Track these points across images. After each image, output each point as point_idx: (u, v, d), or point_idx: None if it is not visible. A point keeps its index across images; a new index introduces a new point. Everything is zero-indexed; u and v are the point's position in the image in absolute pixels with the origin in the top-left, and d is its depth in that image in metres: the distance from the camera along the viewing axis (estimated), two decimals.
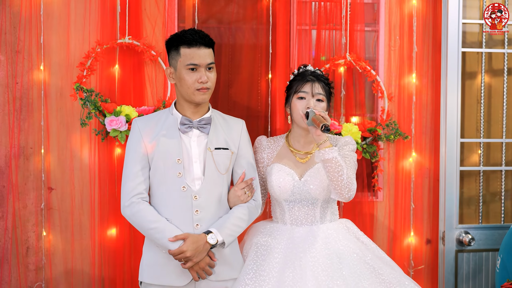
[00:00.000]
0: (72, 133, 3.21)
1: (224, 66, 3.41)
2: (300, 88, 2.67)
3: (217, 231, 2.49)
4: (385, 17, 3.42)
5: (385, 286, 2.52)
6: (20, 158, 3.18)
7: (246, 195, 2.59)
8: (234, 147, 2.62)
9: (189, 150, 2.53)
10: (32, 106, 3.19)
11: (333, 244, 2.61)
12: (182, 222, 2.50)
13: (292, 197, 2.67)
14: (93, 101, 3.12)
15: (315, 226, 2.68)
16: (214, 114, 2.65)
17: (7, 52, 3.16)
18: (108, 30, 3.19)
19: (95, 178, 3.20)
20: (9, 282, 3.18)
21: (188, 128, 2.54)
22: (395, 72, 3.43)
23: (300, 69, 2.76)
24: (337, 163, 2.47)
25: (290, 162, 2.72)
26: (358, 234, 2.75)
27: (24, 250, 3.20)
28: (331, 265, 2.51)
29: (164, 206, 2.53)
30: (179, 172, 2.50)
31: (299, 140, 2.75)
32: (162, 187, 2.53)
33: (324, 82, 2.69)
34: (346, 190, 2.52)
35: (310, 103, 2.63)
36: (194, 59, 2.48)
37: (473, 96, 3.51)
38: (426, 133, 3.47)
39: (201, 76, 2.49)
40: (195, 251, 2.43)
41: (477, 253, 3.39)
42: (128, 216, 2.51)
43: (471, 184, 3.53)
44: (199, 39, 2.50)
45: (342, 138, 2.73)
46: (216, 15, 3.48)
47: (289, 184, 2.65)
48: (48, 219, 3.21)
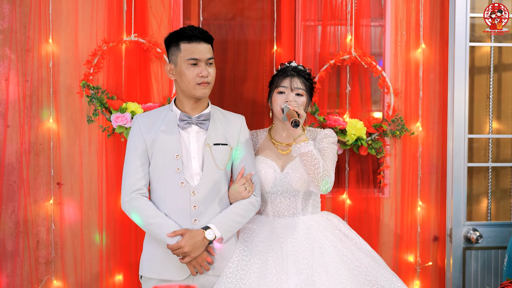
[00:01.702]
0: (80, 130, 3.28)
1: (230, 62, 3.43)
2: (280, 83, 2.72)
3: (215, 227, 2.52)
4: (391, 12, 3.38)
5: (364, 278, 2.54)
6: (30, 154, 3.27)
7: (247, 191, 2.61)
8: (233, 143, 2.64)
9: (188, 146, 2.57)
10: (42, 103, 3.27)
11: (314, 235, 2.65)
12: (180, 217, 2.54)
13: (273, 189, 2.71)
14: (99, 98, 3.18)
15: (296, 218, 2.72)
16: (214, 110, 2.68)
17: (18, 51, 3.24)
18: (115, 28, 3.24)
19: (102, 174, 3.26)
20: (20, 275, 3.27)
21: (187, 124, 2.58)
22: (401, 67, 3.40)
23: (283, 64, 2.81)
24: (312, 156, 2.51)
25: (272, 154, 2.76)
26: (340, 226, 2.78)
27: (35, 244, 3.29)
28: (312, 254, 2.55)
29: (163, 201, 2.57)
30: (177, 167, 2.54)
31: (281, 134, 2.79)
32: (161, 183, 2.57)
33: (305, 77, 2.73)
34: (322, 182, 2.56)
35: (289, 97, 2.67)
36: (195, 54, 2.52)
37: (482, 91, 3.46)
38: (434, 129, 3.43)
39: (202, 71, 2.52)
40: (192, 246, 2.47)
41: (485, 251, 3.34)
42: (127, 211, 2.57)
43: (481, 180, 3.47)
44: (199, 34, 2.54)
45: (322, 131, 2.76)
46: (221, 12, 3.50)
47: (271, 176, 2.70)
48: (58, 213, 3.29)
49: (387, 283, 2.54)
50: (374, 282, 2.53)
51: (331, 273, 2.49)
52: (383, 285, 2.53)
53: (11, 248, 3.25)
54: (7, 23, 3.23)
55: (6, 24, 3.23)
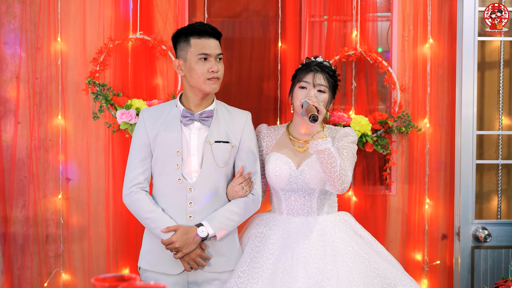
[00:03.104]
0: (87, 126, 3.34)
1: (235, 59, 3.44)
2: (302, 78, 2.64)
3: (208, 224, 2.53)
4: (398, 6, 3.34)
5: (380, 280, 2.48)
6: (40, 150, 3.34)
7: (244, 190, 2.59)
8: (235, 140, 2.63)
9: (189, 142, 2.58)
10: (51, 100, 3.34)
11: (328, 236, 2.58)
12: (176, 213, 2.56)
13: (288, 186, 2.64)
14: (104, 95, 3.23)
15: (311, 217, 2.66)
16: (219, 106, 2.67)
17: (28, 49, 3.32)
18: (121, 26, 3.29)
19: (109, 170, 3.32)
20: (30, 268, 3.35)
21: (189, 121, 2.58)
22: (409, 63, 3.34)
23: (308, 59, 2.73)
24: (330, 154, 2.44)
25: (289, 151, 2.69)
26: (356, 228, 2.71)
27: (44, 238, 3.36)
28: (324, 258, 2.50)
29: (161, 196, 2.60)
30: (177, 164, 2.56)
31: (299, 129, 2.72)
32: (161, 178, 2.60)
33: (329, 73, 2.64)
34: (339, 182, 2.48)
35: (310, 93, 2.60)
36: (205, 49, 2.53)
37: (493, 87, 3.37)
38: (442, 125, 3.36)
39: (212, 66, 2.53)
40: (184, 242, 2.49)
41: (495, 250, 3.27)
42: (127, 204, 2.62)
43: (492, 178, 3.39)
44: (209, 29, 2.56)
45: (342, 129, 2.69)
46: (226, 9, 3.51)
47: (286, 173, 2.63)
48: (66, 208, 3.36)
49: (406, 287, 2.49)
50: (393, 285, 2.48)
51: (342, 279, 2.43)
52: None
53: (21, 242, 3.34)
54: (18, 22, 3.32)
55: (17, 23, 3.32)
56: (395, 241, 3.38)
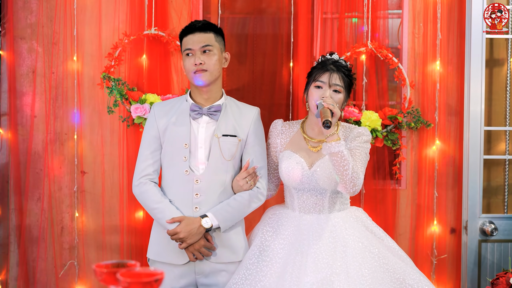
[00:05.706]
0: (102, 120, 3.40)
1: (248, 56, 3.50)
2: (318, 77, 2.63)
3: (213, 215, 2.58)
4: (409, 4, 3.40)
5: (389, 275, 2.51)
6: (55, 143, 3.40)
7: (248, 185, 2.63)
8: (243, 135, 2.67)
9: (197, 135, 2.64)
10: (67, 94, 3.39)
11: (339, 232, 2.61)
12: (182, 204, 2.62)
13: (301, 186, 2.67)
14: (119, 89, 3.29)
15: (323, 215, 2.67)
16: (228, 101, 2.73)
17: (44, 44, 3.38)
18: (136, 21, 3.35)
19: (123, 163, 3.37)
20: (45, 259, 3.41)
21: (198, 115, 2.65)
22: (419, 59, 3.41)
23: (324, 57, 2.72)
24: (343, 157, 2.45)
25: (302, 150, 2.70)
26: (367, 223, 2.73)
27: (59, 230, 3.42)
28: (334, 254, 2.52)
29: (169, 187, 2.66)
30: (184, 156, 2.62)
31: (314, 128, 2.72)
32: (170, 170, 2.66)
33: (344, 73, 2.63)
34: (351, 185, 2.51)
35: (325, 93, 2.59)
36: (188, 44, 2.62)
37: (501, 83, 3.44)
38: (451, 121, 3.43)
39: (195, 59, 2.59)
40: (188, 233, 2.54)
41: (502, 244, 3.33)
42: (136, 195, 2.68)
43: (500, 173, 3.46)
44: (195, 25, 2.64)
45: (356, 129, 2.69)
46: (240, 6, 3.57)
47: (298, 173, 2.65)
48: (81, 201, 3.41)
49: (415, 281, 2.50)
50: (402, 280, 2.50)
51: (351, 274, 2.46)
52: (411, 284, 2.49)
53: (36, 234, 3.39)
54: (35, 18, 3.37)
55: (33, 18, 3.37)
56: (405, 234, 3.44)
